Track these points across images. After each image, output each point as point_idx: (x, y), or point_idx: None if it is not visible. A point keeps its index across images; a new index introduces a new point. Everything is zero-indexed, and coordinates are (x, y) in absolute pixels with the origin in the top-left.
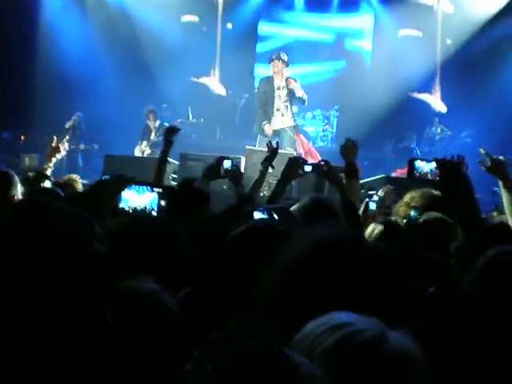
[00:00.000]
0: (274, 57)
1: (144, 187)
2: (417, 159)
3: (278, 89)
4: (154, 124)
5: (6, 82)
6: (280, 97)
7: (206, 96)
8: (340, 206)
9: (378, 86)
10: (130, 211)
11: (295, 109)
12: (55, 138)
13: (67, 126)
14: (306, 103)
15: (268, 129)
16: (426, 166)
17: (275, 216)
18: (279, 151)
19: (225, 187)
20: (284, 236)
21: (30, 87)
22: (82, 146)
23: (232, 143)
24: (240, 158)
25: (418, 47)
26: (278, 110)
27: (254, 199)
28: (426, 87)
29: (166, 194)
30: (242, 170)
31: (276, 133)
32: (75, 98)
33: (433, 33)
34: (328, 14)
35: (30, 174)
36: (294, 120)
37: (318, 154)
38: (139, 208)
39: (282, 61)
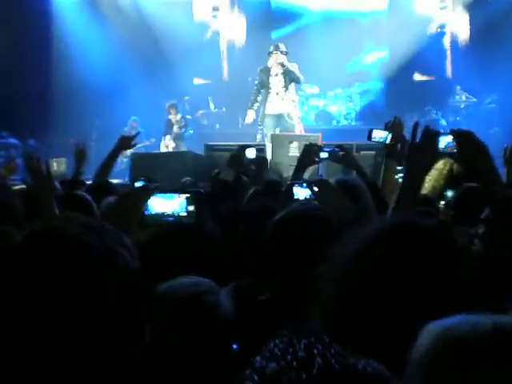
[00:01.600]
0: (272, 49)
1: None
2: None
3: (276, 75)
4: (176, 118)
5: (25, 90)
6: (279, 82)
7: (224, 84)
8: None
9: (394, 62)
10: (157, 217)
11: (315, 90)
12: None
13: (126, 130)
14: (302, 82)
15: (250, 116)
16: (443, 140)
17: (316, 188)
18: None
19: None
20: (321, 221)
21: (48, 93)
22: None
23: (254, 130)
24: (264, 145)
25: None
26: (277, 94)
27: (281, 184)
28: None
29: (194, 198)
30: (269, 155)
31: (276, 117)
32: (96, 101)
33: None
34: None
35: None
36: (296, 107)
37: None
38: (167, 213)
39: (281, 51)
